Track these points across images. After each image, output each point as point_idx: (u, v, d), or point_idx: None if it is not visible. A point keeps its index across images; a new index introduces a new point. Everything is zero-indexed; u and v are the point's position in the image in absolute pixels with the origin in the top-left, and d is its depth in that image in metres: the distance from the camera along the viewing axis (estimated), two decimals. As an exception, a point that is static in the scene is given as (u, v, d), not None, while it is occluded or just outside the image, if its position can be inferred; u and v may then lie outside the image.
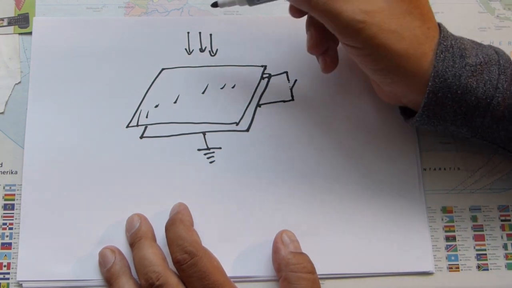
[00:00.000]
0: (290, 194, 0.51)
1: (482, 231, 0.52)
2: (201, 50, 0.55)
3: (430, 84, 0.45)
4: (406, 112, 0.51)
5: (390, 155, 0.53)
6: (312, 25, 0.50)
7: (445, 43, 0.46)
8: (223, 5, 0.51)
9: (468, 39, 0.48)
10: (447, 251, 0.51)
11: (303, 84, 0.54)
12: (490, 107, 0.46)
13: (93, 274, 0.49)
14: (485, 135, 0.48)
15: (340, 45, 0.49)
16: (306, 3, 0.45)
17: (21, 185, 0.51)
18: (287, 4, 0.57)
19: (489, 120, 0.46)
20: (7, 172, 0.52)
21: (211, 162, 0.52)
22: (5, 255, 0.50)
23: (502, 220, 0.52)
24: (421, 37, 0.45)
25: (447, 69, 0.45)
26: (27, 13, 0.55)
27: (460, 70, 0.45)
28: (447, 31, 0.47)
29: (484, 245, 0.52)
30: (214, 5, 0.52)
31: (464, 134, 0.48)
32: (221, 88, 0.54)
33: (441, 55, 0.45)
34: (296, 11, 0.50)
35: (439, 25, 0.48)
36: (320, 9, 0.45)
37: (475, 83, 0.45)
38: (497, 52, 0.48)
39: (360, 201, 0.51)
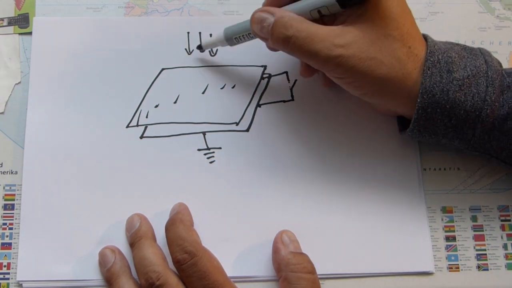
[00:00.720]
0: (290, 194, 0.51)
1: (482, 231, 0.52)
2: (201, 50, 0.55)
3: (419, 100, 0.46)
4: (403, 122, 0.51)
5: (390, 155, 0.53)
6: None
7: (431, 59, 0.46)
8: (206, 47, 0.54)
9: (459, 48, 0.48)
10: (447, 251, 0.51)
11: (303, 84, 0.54)
12: (479, 119, 0.46)
13: (93, 274, 0.49)
14: (477, 146, 0.48)
15: None
16: (284, 46, 0.47)
17: (21, 185, 0.51)
18: (287, 4, 0.57)
19: (480, 132, 0.47)
20: (7, 172, 0.52)
21: (211, 162, 0.52)
22: (5, 255, 0.50)
23: (502, 220, 0.52)
24: (403, 58, 0.46)
25: (434, 85, 0.46)
26: (27, 13, 0.55)
27: (447, 85, 0.46)
28: (434, 45, 0.47)
29: (484, 245, 0.52)
30: (199, 47, 0.54)
31: (456, 146, 0.49)
32: (221, 88, 0.54)
33: (428, 71, 0.46)
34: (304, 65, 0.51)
35: (426, 38, 0.48)
36: (298, 51, 0.46)
37: (463, 97, 0.46)
38: (487, 61, 0.48)
39: (360, 201, 0.51)
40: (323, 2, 0.46)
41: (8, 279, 0.49)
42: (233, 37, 0.51)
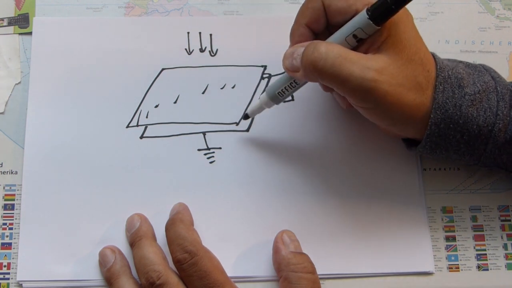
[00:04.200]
0: (290, 194, 0.51)
1: (482, 231, 0.52)
2: (201, 50, 0.55)
3: (432, 116, 0.45)
4: (408, 140, 0.51)
5: (390, 155, 0.53)
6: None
7: (442, 74, 0.46)
8: (253, 114, 0.51)
9: (462, 65, 0.48)
10: (447, 251, 0.51)
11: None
12: (492, 134, 0.46)
13: (93, 274, 0.49)
14: (487, 161, 0.48)
15: None
16: (313, 70, 0.44)
17: (21, 185, 0.51)
18: (287, 4, 0.57)
19: (492, 147, 0.46)
20: (7, 172, 0.52)
21: (211, 162, 0.52)
22: (5, 255, 0.50)
23: (502, 220, 0.52)
24: (424, 83, 0.45)
25: (447, 100, 0.45)
26: (27, 13, 0.55)
27: (460, 100, 0.45)
28: (442, 61, 0.47)
29: (484, 245, 0.52)
30: (245, 117, 0.52)
31: (466, 161, 0.48)
32: (221, 88, 0.54)
33: (440, 87, 0.45)
34: (325, 87, 0.49)
35: (433, 55, 0.47)
36: (328, 74, 0.43)
37: (475, 112, 0.45)
38: (493, 77, 0.47)
39: (360, 201, 0.51)
40: (357, 25, 0.44)
41: (8, 279, 0.49)
42: (276, 92, 0.48)
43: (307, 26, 0.47)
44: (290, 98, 0.54)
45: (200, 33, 0.55)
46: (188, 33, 0.55)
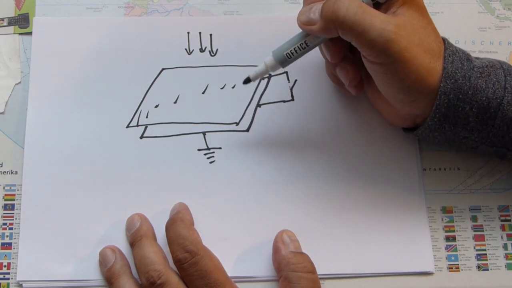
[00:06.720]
0: (290, 194, 0.51)
1: (482, 231, 0.52)
2: (201, 50, 0.55)
3: (441, 85, 0.45)
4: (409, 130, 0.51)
5: (390, 155, 0.53)
6: (344, 61, 0.49)
7: (451, 48, 0.47)
8: (256, 78, 0.49)
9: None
10: (447, 251, 0.51)
11: (303, 84, 0.54)
12: (500, 107, 0.46)
13: (93, 274, 0.49)
14: (495, 140, 0.48)
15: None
16: (334, 20, 0.44)
17: (21, 185, 0.51)
18: (287, 4, 0.57)
19: (500, 122, 0.46)
20: (7, 172, 0.52)
21: (211, 162, 0.52)
22: (5, 255, 0.50)
23: (502, 220, 0.52)
24: (436, 51, 0.46)
25: (456, 71, 0.46)
26: (27, 13, 0.56)
27: (469, 71, 0.46)
28: (449, 42, 0.48)
29: (484, 245, 0.52)
30: (247, 81, 0.49)
31: (473, 140, 0.48)
32: (221, 88, 0.54)
33: (449, 58, 0.46)
34: (333, 55, 0.49)
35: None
36: (349, 24, 0.44)
37: (484, 84, 0.46)
38: (498, 60, 0.48)
39: (360, 201, 0.51)
40: None
41: (8, 279, 0.49)
42: (285, 53, 0.48)
43: None
44: (290, 98, 0.54)
45: (200, 33, 0.55)
46: (188, 33, 0.55)
